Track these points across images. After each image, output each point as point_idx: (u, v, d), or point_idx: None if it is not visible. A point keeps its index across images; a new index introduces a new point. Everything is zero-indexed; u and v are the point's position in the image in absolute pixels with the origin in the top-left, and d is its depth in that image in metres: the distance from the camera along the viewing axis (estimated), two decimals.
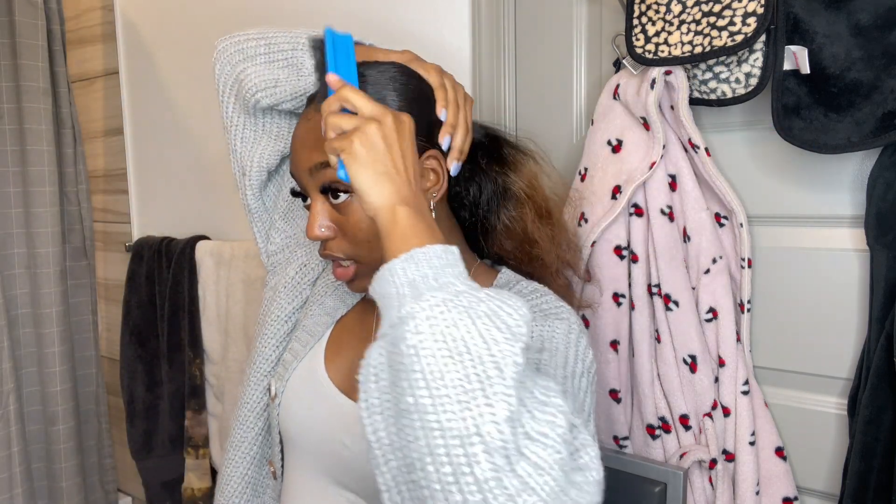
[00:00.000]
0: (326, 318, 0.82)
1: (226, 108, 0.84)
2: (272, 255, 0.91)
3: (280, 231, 0.89)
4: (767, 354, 0.92)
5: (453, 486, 0.44)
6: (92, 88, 1.81)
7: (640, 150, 0.91)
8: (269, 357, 0.84)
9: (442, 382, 0.45)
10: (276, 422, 0.80)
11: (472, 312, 0.48)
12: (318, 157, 0.68)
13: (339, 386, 0.76)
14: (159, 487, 1.63)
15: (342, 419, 0.74)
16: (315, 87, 0.78)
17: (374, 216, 0.57)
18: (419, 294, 0.49)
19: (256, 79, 0.79)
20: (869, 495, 0.80)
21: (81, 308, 1.70)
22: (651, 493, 0.88)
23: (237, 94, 0.82)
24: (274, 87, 0.78)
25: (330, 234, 0.71)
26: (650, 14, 0.88)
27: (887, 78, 0.74)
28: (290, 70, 0.78)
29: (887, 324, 0.78)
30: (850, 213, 0.84)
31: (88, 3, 1.77)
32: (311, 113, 0.71)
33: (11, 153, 1.52)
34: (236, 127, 0.84)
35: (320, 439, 0.75)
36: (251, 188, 0.86)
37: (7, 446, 1.46)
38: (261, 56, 0.79)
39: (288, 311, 0.85)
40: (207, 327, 1.52)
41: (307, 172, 0.70)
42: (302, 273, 0.87)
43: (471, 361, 0.46)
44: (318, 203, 0.70)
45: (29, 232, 1.56)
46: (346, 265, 0.72)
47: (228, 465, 0.85)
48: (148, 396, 1.62)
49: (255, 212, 0.89)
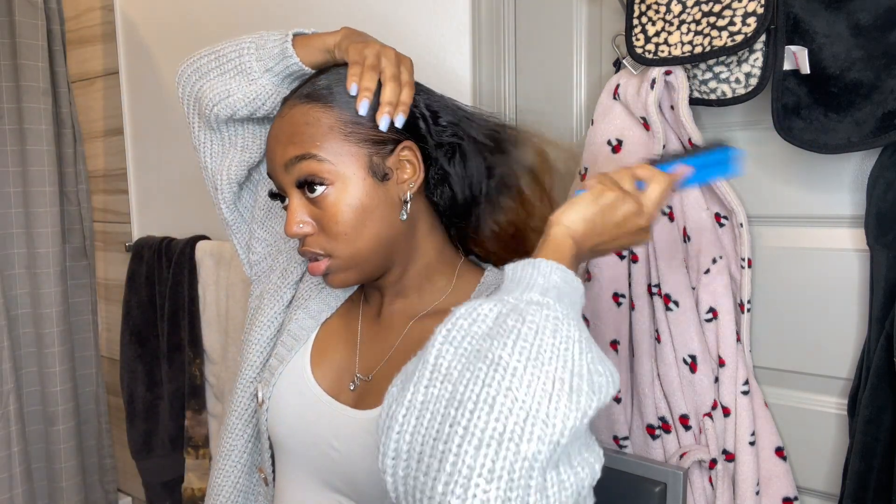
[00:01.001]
0: (311, 322, 0.82)
1: (192, 129, 0.85)
2: (255, 264, 0.91)
3: (260, 240, 0.90)
4: (767, 354, 0.92)
5: (491, 441, 0.44)
6: (92, 88, 1.81)
7: (640, 150, 0.91)
8: (254, 363, 0.84)
9: (542, 367, 0.47)
10: (265, 427, 0.80)
11: (584, 345, 0.50)
12: (293, 150, 0.69)
13: (326, 389, 0.76)
14: (159, 487, 1.63)
15: (331, 422, 0.74)
16: (267, 91, 0.78)
17: (554, 227, 0.60)
18: (560, 298, 0.52)
19: (211, 93, 0.79)
20: (869, 495, 0.80)
21: (81, 308, 1.71)
22: (651, 493, 0.88)
23: (199, 112, 0.83)
24: (227, 97, 0.79)
25: (309, 230, 0.71)
26: (650, 14, 0.88)
27: (887, 78, 0.74)
28: (241, 77, 0.78)
29: (887, 324, 0.78)
30: (850, 213, 0.84)
31: (88, 3, 1.77)
32: (285, 110, 0.73)
33: (11, 153, 1.52)
34: (203, 144, 0.85)
35: (310, 443, 0.75)
36: (224, 202, 0.87)
37: (7, 446, 1.46)
38: (213, 71, 0.80)
39: (271, 314, 0.85)
40: (207, 327, 1.52)
41: (283, 168, 0.71)
42: (283, 276, 0.87)
43: (569, 373, 0.47)
44: (295, 199, 0.71)
45: (29, 232, 1.56)
46: (319, 260, 0.72)
47: (219, 474, 0.85)
48: (148, 396, 1.62)
49: (232, 224, 0.90)
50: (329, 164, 0.69)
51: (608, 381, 0.50)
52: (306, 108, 0.71)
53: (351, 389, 0.76)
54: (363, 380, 0.76)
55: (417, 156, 0.73)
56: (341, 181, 0.69)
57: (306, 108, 0.71)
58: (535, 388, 0.46)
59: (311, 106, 0.71)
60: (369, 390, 0.75)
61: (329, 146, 0.69)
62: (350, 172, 0.69)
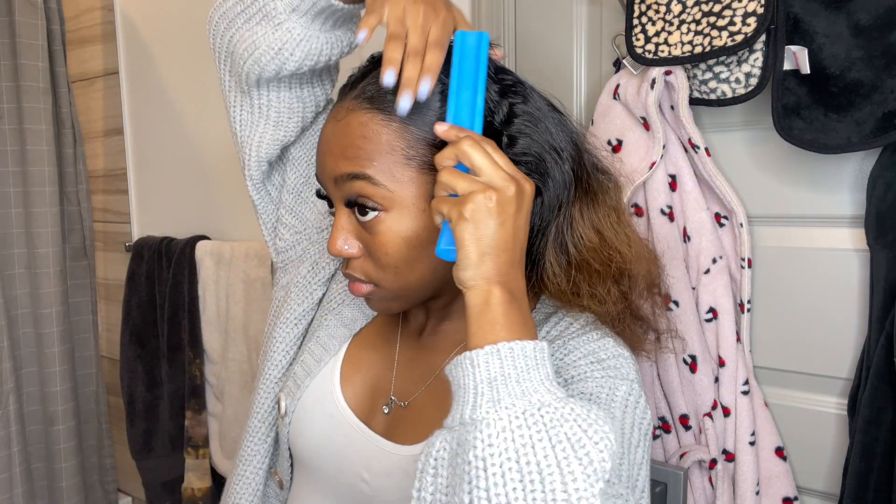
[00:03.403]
0: (343, 331, 0.75)
1: (223, 86, 0.75)
2: (282, 251, 0.81)
3: (288, 227, 0.80)
4: (767, 354, 0.92)
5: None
6: (92, 88, 1.81)
7: (640, 150, 0.91)
8: (279, 362, 0.77)
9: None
10: (285, 438, 0.74)
11: (552, 434, 0.44)
12: (345, 166, 0.60)
13: (356, 411, 0.70)
14: (159, 487, 1.63)
15: (361, 452, 0.67)
16: (294, 36, 0.66)
17: (466, 292, 0.52)
18: (498, 398, 0.46)
19: (241, 46, 0.69)
20: (869, 495, 0.80)
21: (81, 308, 1.71)
22: (651, 492, 0.88)
23: (231, 68, 0.73)
24: (254, 50, 0.67)
25: (354, 253, 0.63)
26: (650, 14, 0.88)
27: (887, 78, 0.74)
28: (266, 23, 0.66)
29: (887, 324, 0.78)
30: (850, 213, 0.84)
31: (88, 3, 1.77)
32: (343, 112, 0.62)
33: (11, 153, 1.52)
34: (233, 107, 0.75)
35: (337, 469, 0.69)
36: (251, 180, 0.77)
37: (7, 446, 1.46)
38: (239, 17, 0.69)
39: (298, 312, 0.78)
40: (207, 327, 1.52)
41: (332, 181, 0.62)
42: (314, 271, 0.79)
43: (542, 494, 0.42)
44: (343, 216, 0.63)
45: (29, 232, 1.56)
46: (363, 284, 0.64)
47: (239, 480, 0.78)
48: (148, 396, 1.62)
49: (258, 205, 0.80)
50: (385, 188, 0.59)
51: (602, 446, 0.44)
52: (366, 116, 0.60)
53: (385, 413, 0.70)
54: (398, 405, 0.69)
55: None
56: (397, 209, 0.60)
57: (366, 116, 0.60)
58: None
59: (372, 115, 0.60)
60: (405, 418, 0.68)
61: (387, 168, 0.59)
62: (408, 201, 0.60)
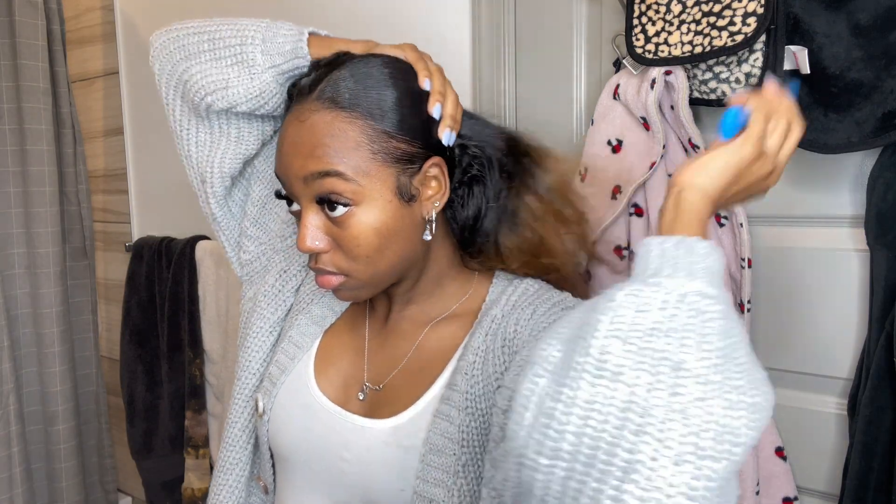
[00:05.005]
0: (314, 328, 0.77)
1: (171, 111, 0.78)
2: (246, 264, 0.84)
3: (253, 239, 0.83)
4: (767, 354, 0.92)
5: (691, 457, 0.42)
6: (92, 88, 1.81)
7: (641, 149, 0.91)
8: (255, 371, 0.79)
9: (726, 376, 0.44)
10: (265, 438, 0.76)
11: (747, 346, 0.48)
12: (314, 165, 0.62)
13: (333, 398, 0.72)
14: (159, 487, 1.63)
15: (341, 433, 0.69)
16: (271, 89, 0.71)
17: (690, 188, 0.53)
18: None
19: (203, 79, 0.72)
20: (869, 495, 0.80)
21: (81, 308, 1.71)
22: None
23: (183, 95, 0.76)
24: (225, 88, 0.71)
25: (324, 247, 0.65)
26: (650, 14, 0.88)
27: (887, 78, 0.74)
28: (240, 68, 0.71)
29: (887, 324, 0.78)
30: (850, 213, 0.84)
31: (88, 3, 1.77)
32: (306, 114, 0.64)
33: (11, 153, 1.52)
34: (188, 131, 0.77)
35: (318, 457, 0.71)
36: (214, 196, 0.79)
37: (7, 446, 1.46)
38: (205, 53, 0.72)
39: (272, 321, 0.80)
40: (207, 327, 1.52)
41: (300, 181, 0.64)
42: (283, 280, 0.81)
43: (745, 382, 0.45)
44: (311, 213, 0.64)
45: (29, 232, 1.56)
46: (332, 276, 0.67)
47: (220, 489, 0.79)
48: (148, 396, 1.62)
49: (220, 220, 0.82)
50: (355, 183, 0.62)
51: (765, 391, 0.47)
52: (329, 115, 0.63)
53: (360, 399, 0.72)
54: (373, 389, 0.72)
55: (444, 172, 0.67)
56: (367, 202, 0.63)
57: (329, 115, 0.63)
58: (724, 401, 0.43)
59: (335, 114, 0.62)
60: (381, 400, 0.70)
61: (356, 164, 0.62)
62: (377, 194, 0.63)
